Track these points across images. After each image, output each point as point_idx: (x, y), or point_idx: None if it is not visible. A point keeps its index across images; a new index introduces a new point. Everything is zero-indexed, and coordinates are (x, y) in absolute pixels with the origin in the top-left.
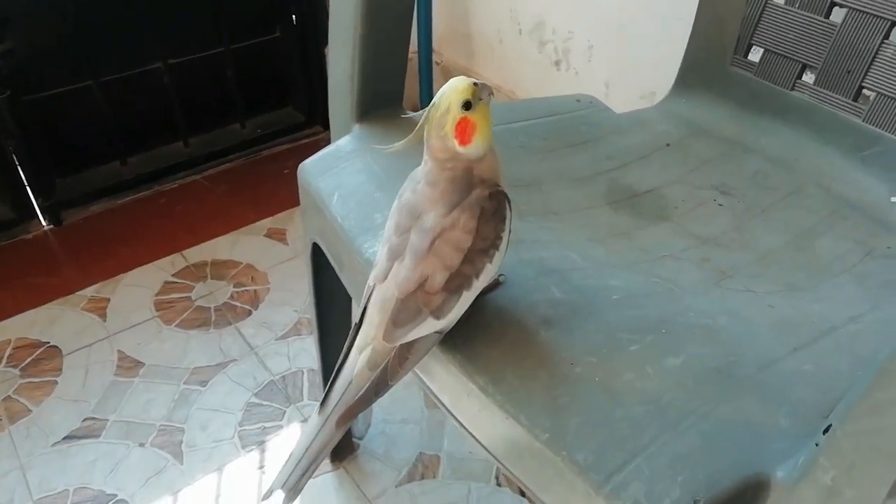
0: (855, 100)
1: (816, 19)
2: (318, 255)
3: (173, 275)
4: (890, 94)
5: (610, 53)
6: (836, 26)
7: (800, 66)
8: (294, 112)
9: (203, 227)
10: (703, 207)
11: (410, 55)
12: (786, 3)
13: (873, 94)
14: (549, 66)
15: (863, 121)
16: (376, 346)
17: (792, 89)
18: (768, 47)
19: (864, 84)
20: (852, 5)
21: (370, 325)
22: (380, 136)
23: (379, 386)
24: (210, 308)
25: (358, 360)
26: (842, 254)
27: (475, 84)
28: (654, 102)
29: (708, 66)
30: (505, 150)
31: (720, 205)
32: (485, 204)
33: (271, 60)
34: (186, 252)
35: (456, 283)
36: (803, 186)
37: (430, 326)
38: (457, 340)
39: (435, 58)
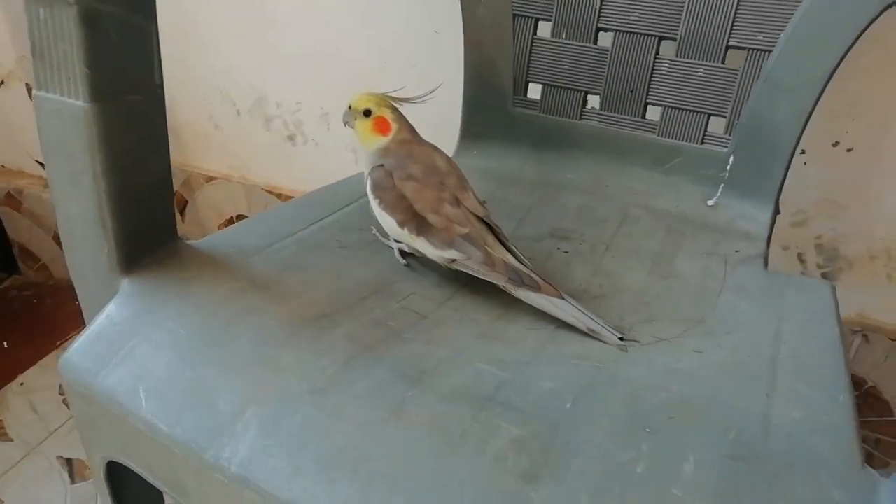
0: (643, 117)
1: (586, 46)
2: (118, 475)
3: None
4: (675, 105)
5: None
6: (607, 50)
7: (582, 94)
8: None
9: None
10: (552, 260)
11: None
12: (552, 36)
13: (660, 107)
14: (283, 142)
15: (658, 135)
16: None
17: (580, 119)
18: (546, 82)
19: (648, 100)
20: (617, 28)
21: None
22: (164, 284)
23: None
24: None
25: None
26: (705, 270)
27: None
28: None
29: (490, 112)
30: (325, 254)
31: (566, 252)
32: None
33: None
34: None
35: None
36: (628, 211)
37: None
38: None
39: None
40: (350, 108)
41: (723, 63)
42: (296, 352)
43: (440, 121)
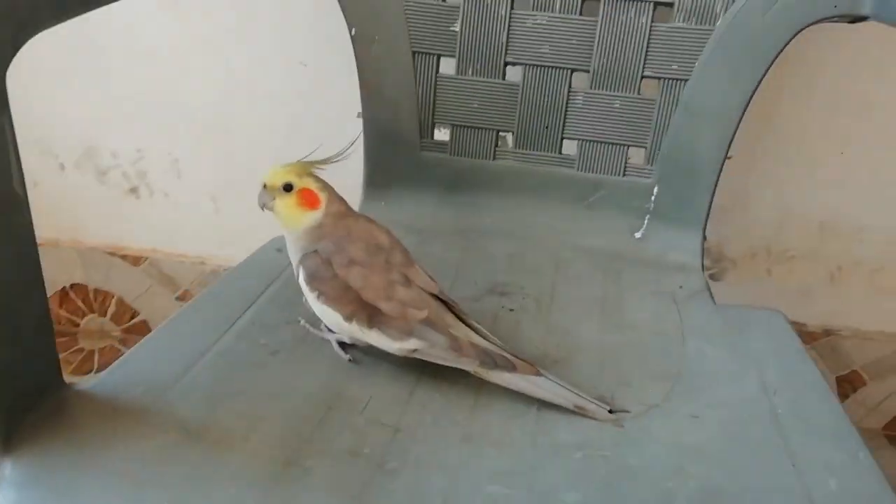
0: (560, 152)
1: (494, 83)
2: None
3: None
4: (592, 139)
5: (208, 162)
6: (517, 85)
7: (494, 133)
8: None
9: None
10: (501, 322)
11: None
12: (458, 73)
13: (577, 142)
14: (124, 197)
15: (577, 170)
16: None
17: (494, 159)
18: (455, 122)
19: (565, 135)
20: (526, 62)
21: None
22: (65, 457)
23: None
24: None
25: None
26: (657, 314)
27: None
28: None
29: (395, 158)
30: (256, 367)
31: (511, 310)
32: None
33: None
34: None
35: None
36: (558, 254)
37: None
38: None
39: None
40: (265, 186)
41: (639, 94)
42: None
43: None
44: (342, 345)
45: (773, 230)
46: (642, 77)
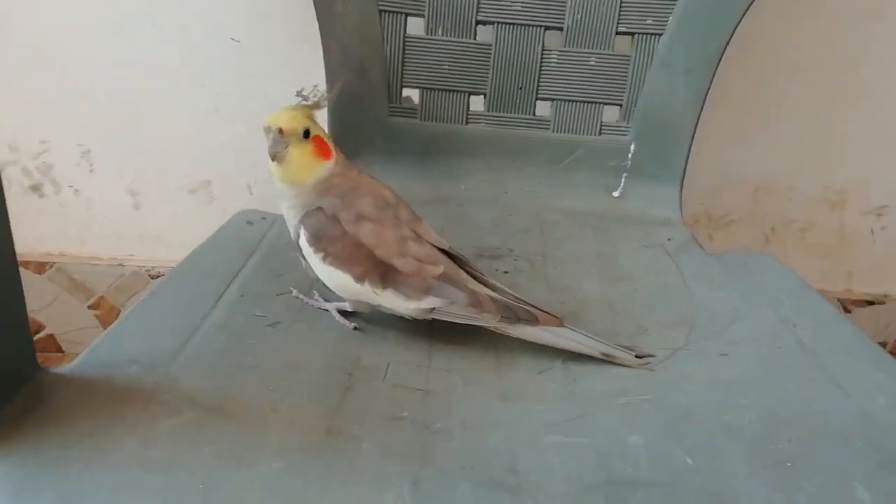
0: (534, 114)
1: (465, 43)
2: None
3: None
4: (567, 98)
5: (125, 153)
6: (489, 45)
7: (466, 95)
8: None
9: None
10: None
11: None
12: (427, 33)
13: (551, 102)
14: (26, 195)
15: (552, 132)
16: None
17: (466, 123)
18: (424, 86)
19: (539, 96)
20: (498, 20)
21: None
22: (61, 450)
23: None
24: None
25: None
26: (653, 266)
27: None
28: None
29: (363, 124)
30: (259, 338)
31: (506, 272)
32: None
33: None
34: None
35: None
36: (542, 217)
37: None
38: None
39: None
40: (281, 131)
41: (613, 51)
42: (342, 496)
43: None
44: (343, 313)
45: (712, 195)
46: (616, 33)
